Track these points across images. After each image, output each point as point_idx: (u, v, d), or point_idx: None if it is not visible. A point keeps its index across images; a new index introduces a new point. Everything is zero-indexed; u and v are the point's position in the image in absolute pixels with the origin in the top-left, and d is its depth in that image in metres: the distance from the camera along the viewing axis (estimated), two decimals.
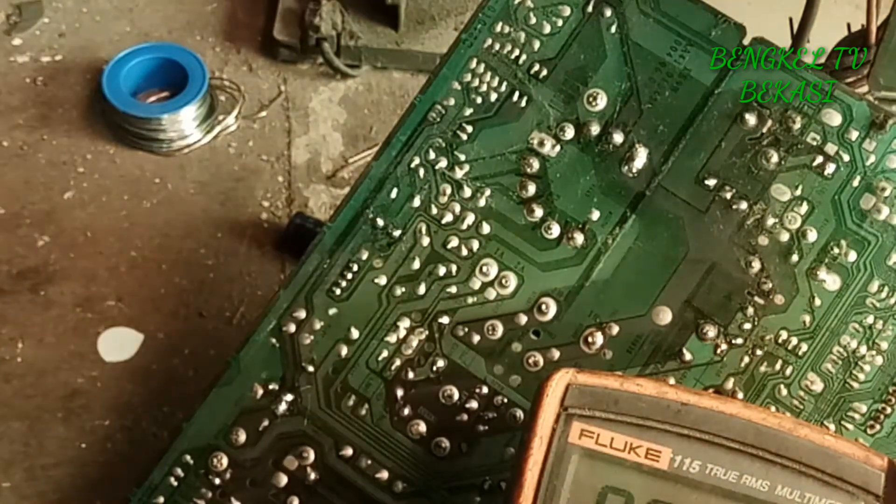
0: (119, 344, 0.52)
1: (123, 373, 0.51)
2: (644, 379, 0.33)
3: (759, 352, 0.37)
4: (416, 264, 0.39)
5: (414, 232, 0.40)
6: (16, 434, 0.49)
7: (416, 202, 0.40)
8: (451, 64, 0.40)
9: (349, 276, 0.39)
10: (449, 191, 0.40)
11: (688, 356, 0.37)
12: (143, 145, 0.60)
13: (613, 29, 0.40)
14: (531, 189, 0.39)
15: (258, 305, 0.52)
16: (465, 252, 0.39)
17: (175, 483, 0.40)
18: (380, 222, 0.40)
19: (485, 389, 0.38)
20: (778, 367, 0.37)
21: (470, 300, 0.39)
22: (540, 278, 0.39)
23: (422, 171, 0.40)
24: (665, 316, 0.38)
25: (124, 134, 0.60)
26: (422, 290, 0.39)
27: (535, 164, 0.39)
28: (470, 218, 0.39)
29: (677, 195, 0.38)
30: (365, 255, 0.40)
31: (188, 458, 0.40)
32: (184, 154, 0.60)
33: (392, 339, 0.39)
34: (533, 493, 0.31)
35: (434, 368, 0.39)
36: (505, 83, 0.40)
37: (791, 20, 0.49)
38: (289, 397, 0.39)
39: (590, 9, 0.40)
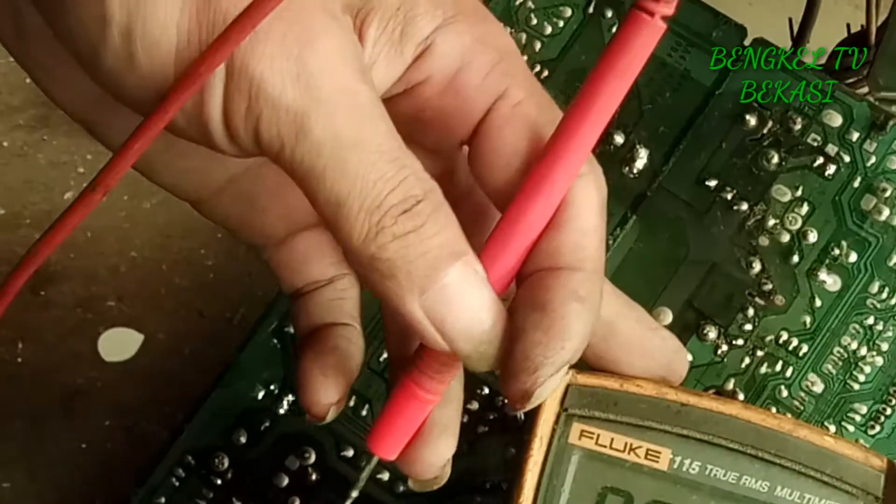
0: (119, 344, 0.52)
1: (124, 373, 0.51)
2: (644, 380, 0.33)
3: (759, 352, 0.37)
4: None
5: None
6: (16, 434, 0.49)
7: None
8: None
9: None
10: None
11: (688, 357, 0.37)
12: None
13: (614, 30, 0.40)
14: None
15: (259, 306, 0.52)
16: None
17: (176, 483, 0.40)
18: None
19: (486, 390, 0.38)
20: (778, 367, 0.37)
21: None
22: None
23: None
24: (666, 317, 0.38)
25: None
26: None
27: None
28: None
29: (678, 196, 0.38)
30: None
31: (189, 458, 0.40)
32: None
33: None
34: (533, 494, 0.31)
35: None
36: None
37: (791, 21, 0.49)
38: (290, 398, 0.39)
39: (591, 10, 0.40)
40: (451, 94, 0.27)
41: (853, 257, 0.37)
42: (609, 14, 0.40)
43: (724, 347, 0.37)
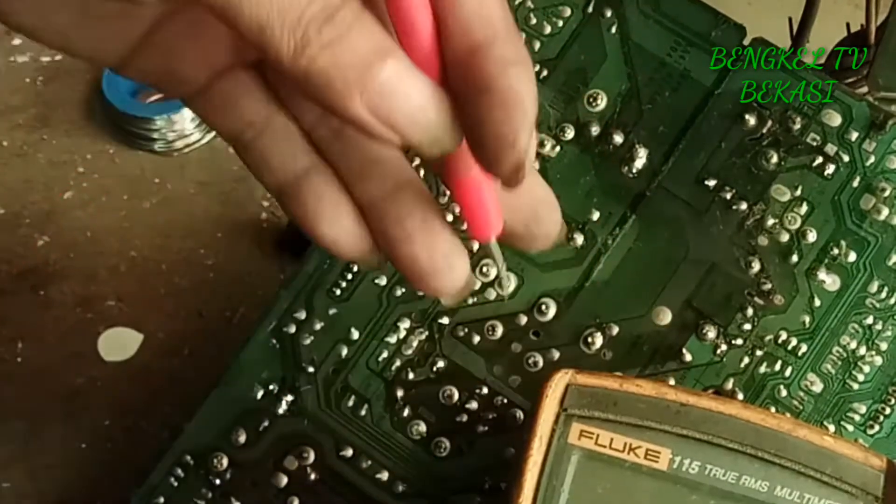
0: (119, 344, 0.52)
1: (123, 373, 0.52)
2: (643, 380, 0.33)
3: (758, 352, 0.37)
4: None
5: None
6: (16, 434, 0.49)
7: None
8: None
9: (349, 276, 0.40)
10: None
11: (687, 357, 0.37)
12: (143, 145, 0.60)
13: (614, 29, 0.40)
14: None
15: (258, 305, 0.52)
16: None
17: (176, 483, 0.40)
18: None
19: (485, 390, 0.38)
20: (777, 367, 0.37)
21: (470, 300, 0.39)
22: (540, 279, 0.39)
23: (422, 172, 0.40)
24: (665, 316, 0.38)
25: (124, 134, 0.60)
26: None
27: (536, 165, 0.39)
28: None
29: (677, 196, 0.39)
30: None
31: (189, 458, 0.40)
32: (184, 154, 0.60)
33: (392, 339, 0.39)
34: (532, 494, 0.32)
35: (434, 369, 0.39)
36: None
37: (790, 20, 0.49)
38: (289, 398, 0.39)
39: (590, 9, 0.40)
40: None
41: (852, 257, 0.37)
42: (608, 13, 0.40)
43: (724, 347, 0.37)
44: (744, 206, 0.38)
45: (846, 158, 0.38)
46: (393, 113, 0.25)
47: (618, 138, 0.39)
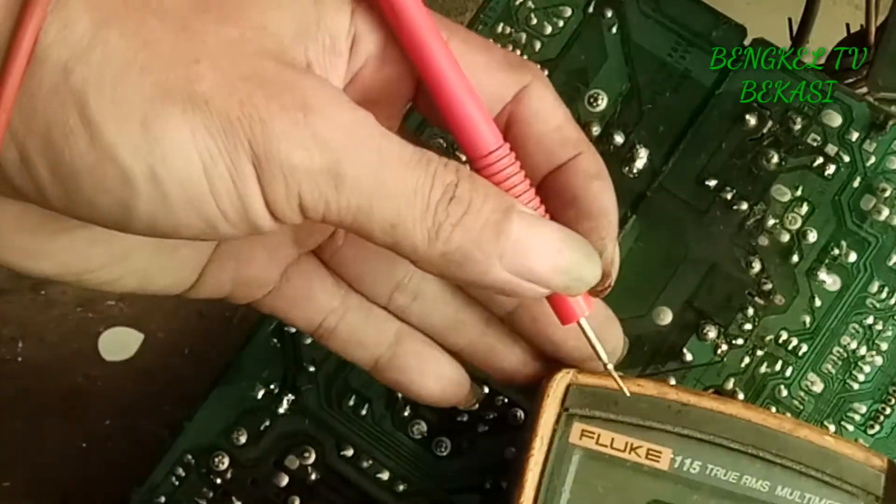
0: (120, 343, 0.52)
1: (124, 372, 0.52)
2: (644, 379, 0.33)
3: (759, 352, 0.37)
4: None
5: None
6: (16, 433, 0.49)
7: None
8: None
9: None
10: None
11: (688, 356, 0.38)
12: None
13: (614, 30, 0.40)
14: None
15: None
16: None
17: (176, 482, 0.40)
18: None
19: (486, 389, 0.38)
20: (778, 367, 0.37)
21: None
22: None
23: None
24: (665, 316, 0.38)
25: None
26: None
27: None
28: None
29: (678, 196, 0.39)
30: None
31: (190, 457, 0.40)
32: None
33: None
34: (534, 494, 0.32)
35: None
36: None
37: (790, 20, 0.49)
38: (290, 397, 0.39)
39: (591, 9, 0.40)
40: (389, 64, 0.28)
41: (853, 257, 0.37)
42: (609, 14, 0.40)
43: (724, 347, 0.37)
44: (744, 206, 0.38)
45: (847, 159, 0.38)
46: (535, 268, 0.26)
47: (618, 138, 0.39)
